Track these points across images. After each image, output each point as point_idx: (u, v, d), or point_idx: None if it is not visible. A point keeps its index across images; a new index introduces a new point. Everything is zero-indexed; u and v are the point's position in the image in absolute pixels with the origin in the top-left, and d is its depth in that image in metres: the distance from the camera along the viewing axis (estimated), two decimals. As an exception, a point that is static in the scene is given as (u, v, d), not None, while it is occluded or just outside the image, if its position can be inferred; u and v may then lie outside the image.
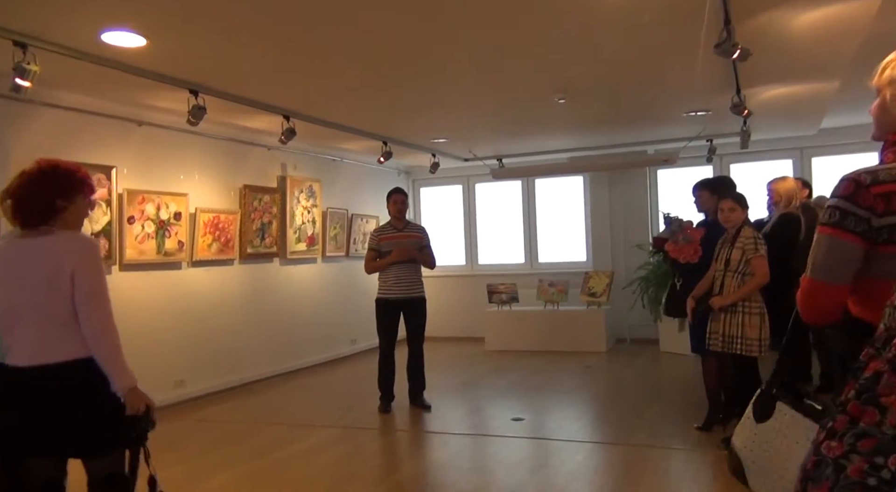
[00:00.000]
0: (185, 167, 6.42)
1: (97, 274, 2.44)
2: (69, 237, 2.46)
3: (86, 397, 2.42)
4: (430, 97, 5.76)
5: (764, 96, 5.79)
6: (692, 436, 4.82)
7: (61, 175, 2.49)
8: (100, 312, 2.41)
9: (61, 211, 2.46)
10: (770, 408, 1.47)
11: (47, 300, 2.39)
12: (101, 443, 2.47)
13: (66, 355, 2.39)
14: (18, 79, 3.58)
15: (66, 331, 2.40)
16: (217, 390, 6.64)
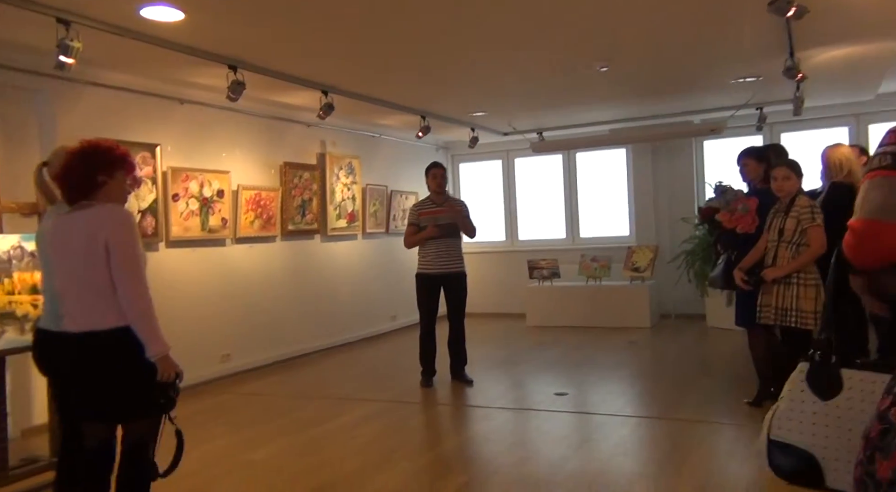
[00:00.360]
0: (227, 145, 6.47)
1: (129, 244, 2.53)
2: (104, 210, 2.57)
3: (123, 364, 2.53)
4: (469, 69, 5.66)
5: (819, 59, 5.52)
6: (741, 411, 4.70)
7: (100, 152, 2.62)
8: (132, 281, 2.51)
9: (101, 185, 2.59)
10: (835, 380, 1.30)
11: (87, 271, 2.52)
12: (135, 408, 2.58)
13: (106, 324, 2.51)
14: (62, 56, 3.63)
15: (106, 300, 2.52)
16: (261, 365, 6.75)
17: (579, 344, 7.55)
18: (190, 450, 4.18)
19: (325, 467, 3.94)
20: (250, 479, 3.81)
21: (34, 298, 3.75)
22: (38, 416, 4.72)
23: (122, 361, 2.53)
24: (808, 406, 1.31)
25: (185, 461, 4.04)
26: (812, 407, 1.31)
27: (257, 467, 3.99)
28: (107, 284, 2.50)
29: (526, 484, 3.59)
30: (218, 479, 3.82)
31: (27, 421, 4.72)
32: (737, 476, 3.61)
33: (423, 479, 3.81)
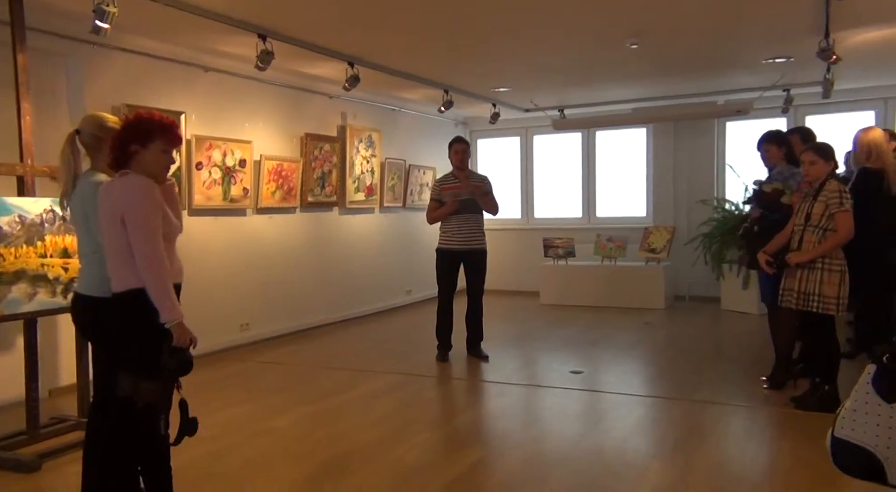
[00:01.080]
0: (249, 114, 6.47)
1: (144, 213, 2.60)
2: (126, 180, 2.66)
3: (141, 323, 2.62)
4: (496, 43, 5.59)
5: (853, 41, 5.43)
6: (758, 393, 4.71)
7: (138, 122, 2.70)
8: (146, 249, 2.58)
9: (134, 154, 2.68)
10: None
11: (112, 237, 2.64)
12: (151, 366, 2.63)
13: (129, 285, 2.62)
14: (98, 20, 3.63)
15: (128, 263, 2.62)
16: (279, 335, 6.82)
17: (593, 323, 7.57)
18: (212, 414, 4.30)
19: (343, 437, 4.00)
20: (270, 445, 3.88)
21: (65, 262, 3.80)
22: (64, 376, 4.81)
23: (141, 321, 2.61)
24: (873, 408, 1.31)
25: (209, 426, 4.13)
26: (877, 409, 1.31)
27: (278, 435, 4.06)
28: (127, 250, 2.61)
29: (542, 460, 3.63)
30: (239, 444, 3.89)
31: (54, 381, 4.81)
32: (754, 458, 3.64)
33: (439, 452, 3.86)
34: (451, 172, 5.91)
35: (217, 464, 3.57)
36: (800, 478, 3.28)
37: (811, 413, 4.18)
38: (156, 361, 2.62)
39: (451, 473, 3.46)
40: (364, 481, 3.34)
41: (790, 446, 3.76)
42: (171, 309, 2.58)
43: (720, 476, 3.37)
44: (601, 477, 3.36)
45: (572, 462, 3.58)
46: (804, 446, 3.69)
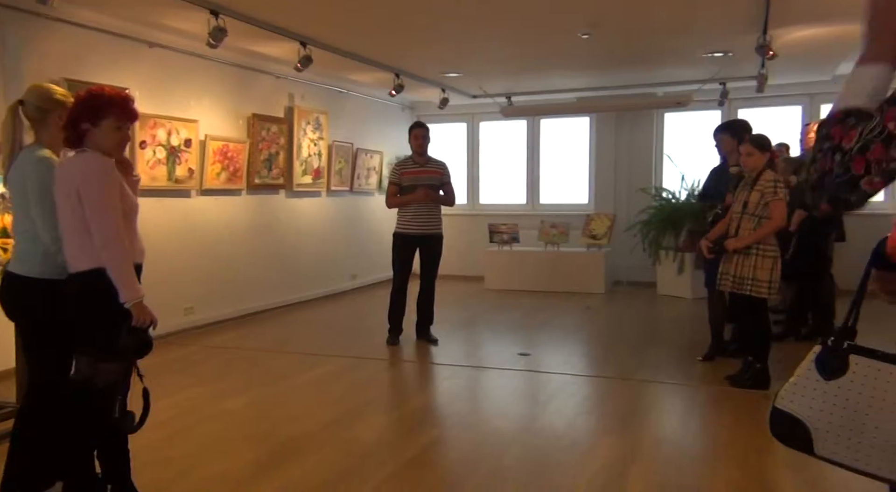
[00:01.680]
0: (195, 93, 6.29)
1: (100, 191, 2.55)
2: (81, 158, 2.61)
3: (100, 304, 2.59)
4: (451, 28, 5.62)
5: (788, 38, 5.71)
6: (695, 373, 4.96)
7: (88, 98, 2.63)
8: (104, 228, 2.54)
9: (87, 133, 2.61)
10: (843, 362, 1.43)
11: (68, 215, 2.58)
12: (110, 348, 2.61)
13: (86, 265, 2.58)
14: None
15: (85, 243, 2.57)
16: (224, 319, 6.71)
17: (538, 307, 7.75)
18: (162, 398, 4.22)
19: (299, 419, 4.00)
20: (225, 428, 3.85)
21: (4, 242, 3.66)
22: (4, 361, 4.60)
23: (100, 301, 2.58)
24: (811, 383, 1.44)
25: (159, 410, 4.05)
26: (814, 385, 1.44)
27: (233, 417, 4.02)
28: (83, 230, 2.55)
29: (496, 439, 3.73)
30: (192, 427, 3.84)
31: (-10, 367, 4.60)
32: (695, 432, 3.85)
33: (396, 432, 3.92)
34: (409, 156, 5.91)
35: (171, 447, 3.52)
36: (736, 450, 3.49)
37: (744, 390, 4.43)
38: (116, 341, 2.57)
39: (409, 452, 3.52)
40: (323, 460, 3.37)
41: (727, 420, 3.99)
42: (130, 288, 2.55)
43: (665, 450, 3.55)
44: (554, 453, 3.49)
45: (526, 440, 3.70)
46: (740, 421, 3.92)
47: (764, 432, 3.77)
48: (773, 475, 3.19)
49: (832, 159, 1.14)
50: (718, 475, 3.18)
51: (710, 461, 3.38)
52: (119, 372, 2.64)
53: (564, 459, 3.42)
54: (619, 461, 3.35)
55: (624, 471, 3.23)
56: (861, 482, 3.10)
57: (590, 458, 3.43)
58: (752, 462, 3.33)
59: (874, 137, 1.09)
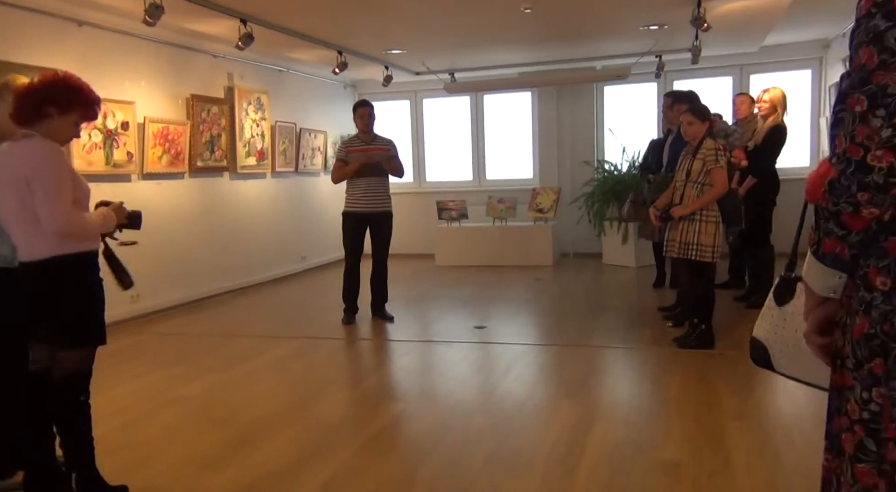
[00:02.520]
0: (130, 73, 6.06)
1: (50, 179, 2.48)
2: (30, 144, 2.51)
3: (61, 292, 2.55)
4: (393, 4, 5.57)
5: (720, 10, 5.90)
6: (644, 336, 5.14)
7: (65, 85, 2.53)
8: (56, 215, 2.48)
9: (47, 118, 2.51)
10: (791, 290, 1.61)
11: (15, 206, 2.50)
12: (72, 335, 2.59)
13: (41, 253, 2.52)
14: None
15: (37, 231, 2.50)
16: (172, 306, 6.56)
17: (489, 281, 7.86)
18: (116, 386, 4.14)
19: (261, 400, 3.98)
20: (186, 412, 3.80)
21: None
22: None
23: (62, 289, 2.54)
24: (770, 311, 1.64)
25: (116, 397, 3.99)
26: (771, 312, 1.63)
27: (192, 402, 3.97)
28: (33, 218, 2.49)
29: (462, 408, 3.81)
30: (152, 413, 3.77)
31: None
32: (649, 392, 4.02)
33: (361, 407, 3.95)
34: (356, 134, 5.87)
35: (133, 433, 3.46)
36: (688, 405, 3.67)
37: (691, 351, 4.64)
38: (76, 328, 2.52)
39: (375, 425, 3.56)
40: (290, 439, 3.37)
41: (677, 379, 4.17)
42: (105, 222, 2.66)
43: (623, 409, 3.70)
44: (518, 420, 3.59)
45: (490, 407, 3.79)
46: (689, 379, 4.11)
47: (713, 388, 4.00)
48: (722, 426, 3.37)
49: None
50: (674, 429, 3.34)
51: (664, 417, 3.54)
52: (87, 359, 2.59)
53: (528, 424, 3.53)
54: (581, 423, 3.48)
55: (586, 431, 3.35)
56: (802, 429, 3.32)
57: (552, 421, 3.55)
58: (704, 415, 3.51)
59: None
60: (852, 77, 1.11)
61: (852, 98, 1.10)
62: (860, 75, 1.09)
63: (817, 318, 1.29)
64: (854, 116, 1.09)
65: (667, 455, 3.04)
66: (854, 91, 1.10)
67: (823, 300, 1.26)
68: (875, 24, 1.08)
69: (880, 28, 1.07)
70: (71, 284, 2.53)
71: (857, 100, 1.09)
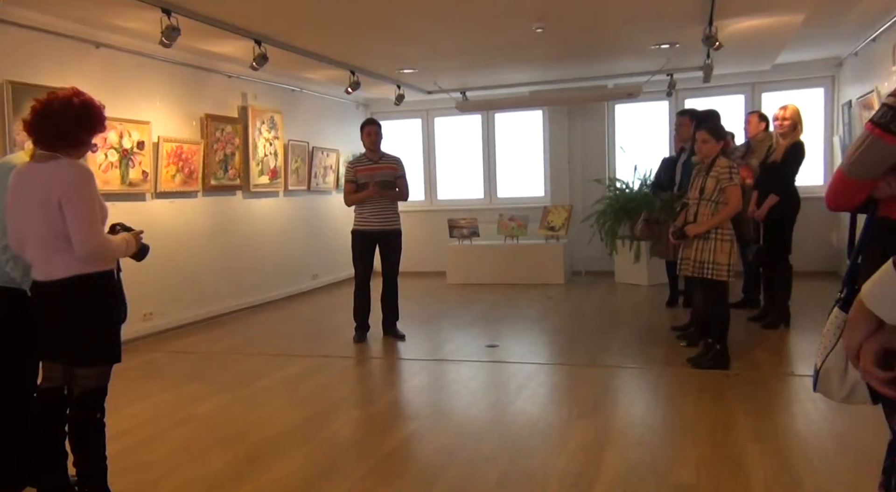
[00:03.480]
0: (146, 93, 6.15)
1: (84, 203, 2.51)
2: (61, 166, 2.54)
3: (82, 311, 2.58)
4: (406, 24, 5.63)
5: (732, 29, 5.90)
6: (657, 357, 5.09)
7: (94, 109, 2.60)
8: (89, 239, 2.51)
9: (78, 140, 2.59)
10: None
11: (41, 225, 2.53)
12: (91, 353, 2.61)
13: (63, 273, 2.54)
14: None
15: (59, 252, 2.54)
16: (184, 324, 6.58)
17: (500, 300, 7.84)
18: (129, 404, 4.14)
19: (272, 419, 3.97)
20: (198, 431, 3.79)
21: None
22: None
23: (82, 308, 2.57)
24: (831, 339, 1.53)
25: (129, 415, 3.99)
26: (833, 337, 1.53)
27: (203, 421, 3.96)
28: (60, 238, 2.51)
29: (474, 428, 3.78)
30: (165, 432, 3.77)
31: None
32: (664, 413, 3.97)
33: (373, 426, 3.93)
34: (363, 153, 5.90)
35: (145, 453, 3.45)
36: (703, 427, 3.62)
37: (706, 371, 4.59)
38: (95, 345, 2.54)
39: (387, 445, 3.54)
40: (302, 458, 3.35)
41: (692, 400, 4.11)
42: (124, 251, 2.69)
43: (637, 431, 3.65)
44: (530, 439, 3.56)
45: (502, 427, 3.76)
46: (704, 400, 4.06)
47: (729, 409, 3.94)
48: (739, 448, 3.32)
49: None
50: (689, 452, 3.29)
51: (680, 440, 3.49)
52: (104, 376, 2.61)
53: (541, 444, 3.49)
54: (594, 444, 3.44)
55: (599, 452, 3.31)
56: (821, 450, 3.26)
57: (565, 442, 3.51)
58: (720, 438, 3.46)
59: None
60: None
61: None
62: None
63: (876, 348, 1.14)
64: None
65: (683, 478, 2.99)
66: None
67: (878, 327, 1.13)
68: None
69: None
70: (91, 303, 2.56)
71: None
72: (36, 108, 2.53)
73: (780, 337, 5.50)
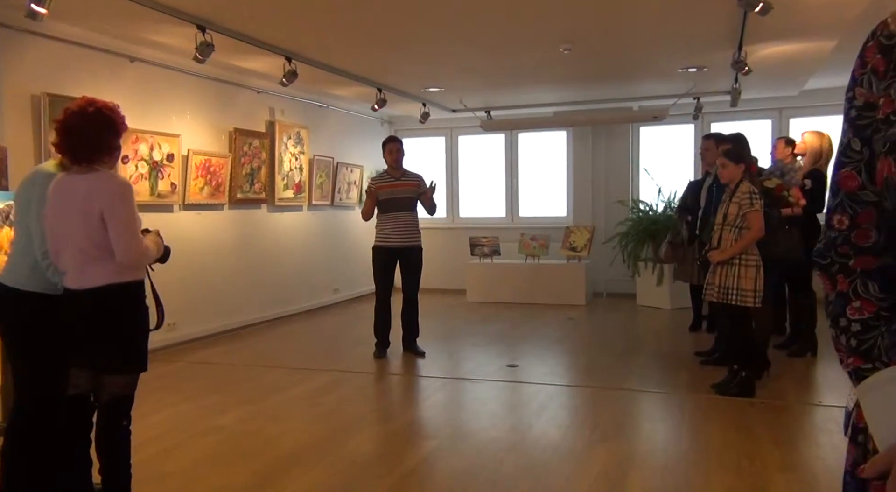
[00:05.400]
0: (177, 107, 6.26)
1: (126, 214, 2.57)
2: (102, 177, 2.60)
3: (116, 319, 2.61)
4: (435, 43, 5.69)
5: (761, 54, 5.88)
6: (681, 382, 5.03)
7: (120, 117, 2.66)
8: (131, 249, 2.57)
9: (113, 149, 2.67)
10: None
11: (80, 235, 2.56)
12: (121, 361, 2.64)
13: (99, 281, 2.58)
14: (34, 5, 3.42)
15: (97, 260, 2.57)
16: (207, 335, 6.62)
17: (520, 319, 7.80)
18: (151, 414, 4.17)
19: (292, 433, 3.97)
20: (219, 443, 3.80)
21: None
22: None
23: (114, 316, 2.61)
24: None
25: (150, 426, 4.01)
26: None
27: (225, 433, 3.97)
28: (99, 247, 2.56)
29: (494, 449, 3.74)
30: (186, 443, 3.78)
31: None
32: (688, 440, 3.91)
33: (392, 444, 3.91)
34: (385, 170, 5.94)
35: (167, 463, 3.47)
36: (729, 455, 3.55)
37: (730, 398, 4.51)
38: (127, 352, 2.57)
39: (407, 463, 3.52)
40: (321, 473, 3.35)
41: (717, 427, 4.05)
42: (157, 251, 2.75)
43: (661, 457, 3.60)
44: (552, 462, 3.52)
45: (523, 448, 3.73)
46: (729, 428, 3.99)
47: (754, 437, 3.86)
48: (766, 478, 3.26)
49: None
50: (714, 481, 3.23)
51: (704, 468, 3.42)
52: (132, 384, 2.64)
53: (563, 467, 3.45)
54: (617, 468, 3.39)
55: (622, 478, 3.27)
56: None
57: (588, 465, 3.47)
58: (746, 467, 3.39)
59: None
60: None
61: None
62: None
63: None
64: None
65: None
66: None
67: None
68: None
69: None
70: (125, 311, 2.60)
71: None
72: (58, 128, 2.59)
73: (806, 365, 5.41)
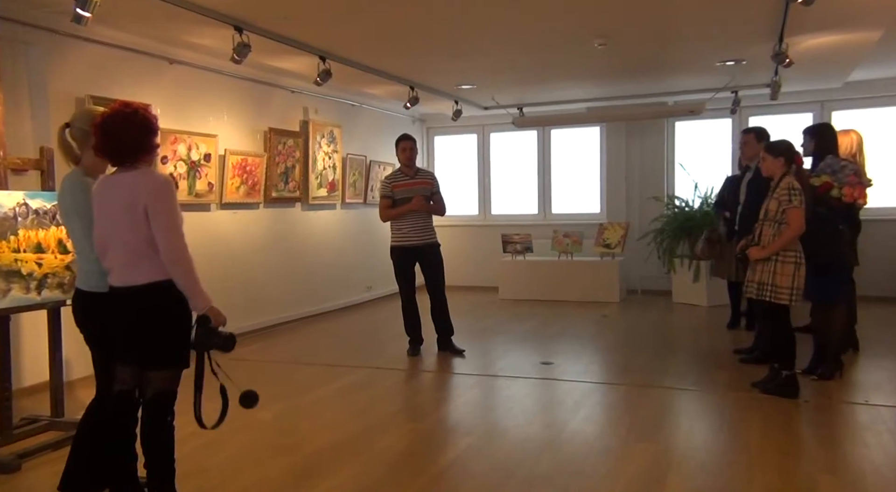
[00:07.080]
0: (214, 108, 6.36)
1: (169, 209, 2.62)
2: (145, 174, 2.66)
3: (161, 315, 2.66)
4: (468, 41, 5.66)
5: (803, 45, 5.74)
6: (720, 380, 4.94)
7: (151, 117, 2.70)
8: (174, 245, 2.61)
9: (153, 150, 2.72)
10: None
11: (126, 231, 2.62)
12: (166, 357, 2.70)
13: (143, 279, 2.63)
14: (79, 9, 3.50)
15: (143, 258, 2.62)
16: (244, 331, 6.70)
17: (554, 317, 7.75)
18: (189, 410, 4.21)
19: (329, 429, 4.01)
20: (257, 439, 3.86)
21: (39, 257, 3.68)
22: (27, 377, 4.64)
23: (158, 312, 2.66)
24: None
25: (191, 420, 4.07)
26: None
27: (262, 428, 4.03)
28: (144, 244, 2.60)
29: (530, 446, 3.73)
30: (225, 438, 3.82)
31: (17, 382, 4.62)
32: (727, 438, 3.83)
33: (428, 440, 3.92)
34: (399, 169, 5.95)
35: (208, 458, 3.53)
36: (771, 455, 3.48)
37: (772, 397, 4.42)
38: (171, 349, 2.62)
39: (443, 460, 3.53)
40: (358, 470, 3.37)
41: (757, 426, 3.97)
42: (202, 297, 2.65)
43: (700, 456, 3.54)
44: (588, 460, 3.49)
45: (558, 447, 3.70)
46: (771, 427, 3.91)
47: (797, 437, 3.79)
48: (811, 479, 3.19)
49: None
50: (756, 480, 3.17)
51: (745, 468, 3.36)
52: (175, 380, 2.69)
53: (599, 465, 3.42)
54: (655, 467, 3.35)
55: (661, 477, 3.22)
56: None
57: (625, 464, 3.43)
58: (789, 468, 3.32)
59: None
60: None
61: None
62: None
63: None
64: None
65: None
66: None
67: None
68: None
69: None
70: (169, 308, 2.64)
71: None
72: (99, 132, 2.64)
73: (848, 362, 5.26)
